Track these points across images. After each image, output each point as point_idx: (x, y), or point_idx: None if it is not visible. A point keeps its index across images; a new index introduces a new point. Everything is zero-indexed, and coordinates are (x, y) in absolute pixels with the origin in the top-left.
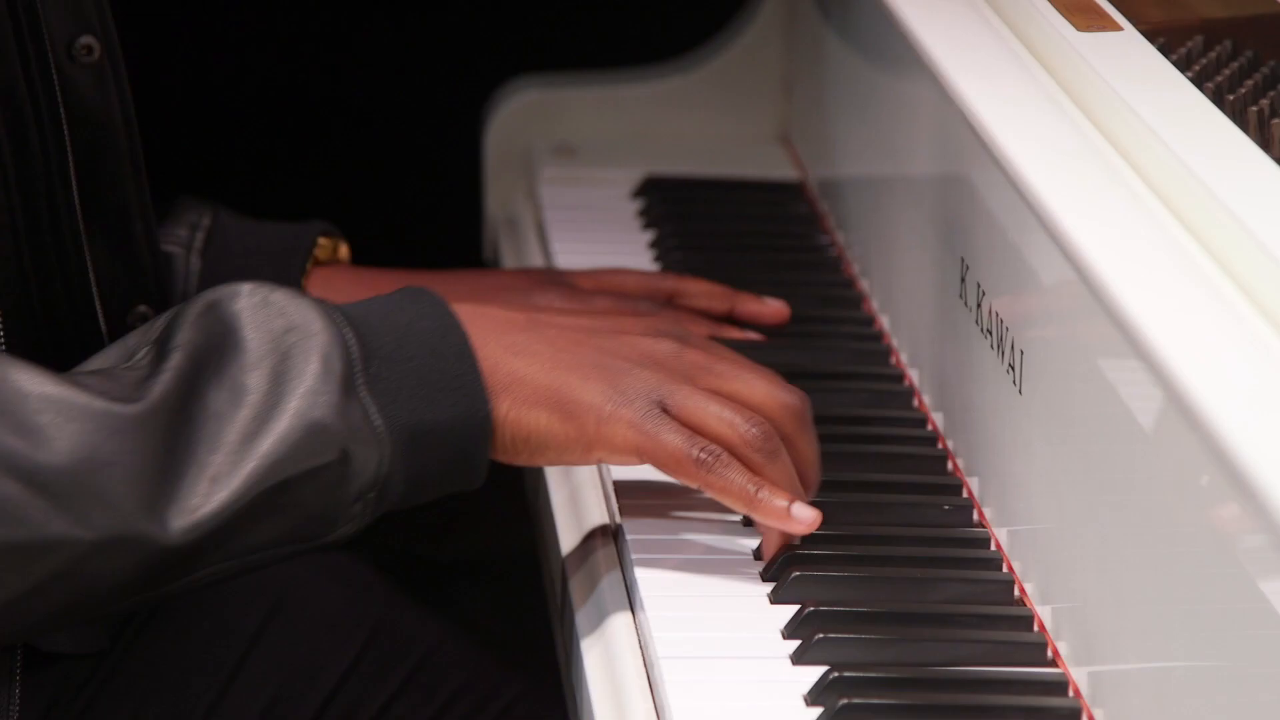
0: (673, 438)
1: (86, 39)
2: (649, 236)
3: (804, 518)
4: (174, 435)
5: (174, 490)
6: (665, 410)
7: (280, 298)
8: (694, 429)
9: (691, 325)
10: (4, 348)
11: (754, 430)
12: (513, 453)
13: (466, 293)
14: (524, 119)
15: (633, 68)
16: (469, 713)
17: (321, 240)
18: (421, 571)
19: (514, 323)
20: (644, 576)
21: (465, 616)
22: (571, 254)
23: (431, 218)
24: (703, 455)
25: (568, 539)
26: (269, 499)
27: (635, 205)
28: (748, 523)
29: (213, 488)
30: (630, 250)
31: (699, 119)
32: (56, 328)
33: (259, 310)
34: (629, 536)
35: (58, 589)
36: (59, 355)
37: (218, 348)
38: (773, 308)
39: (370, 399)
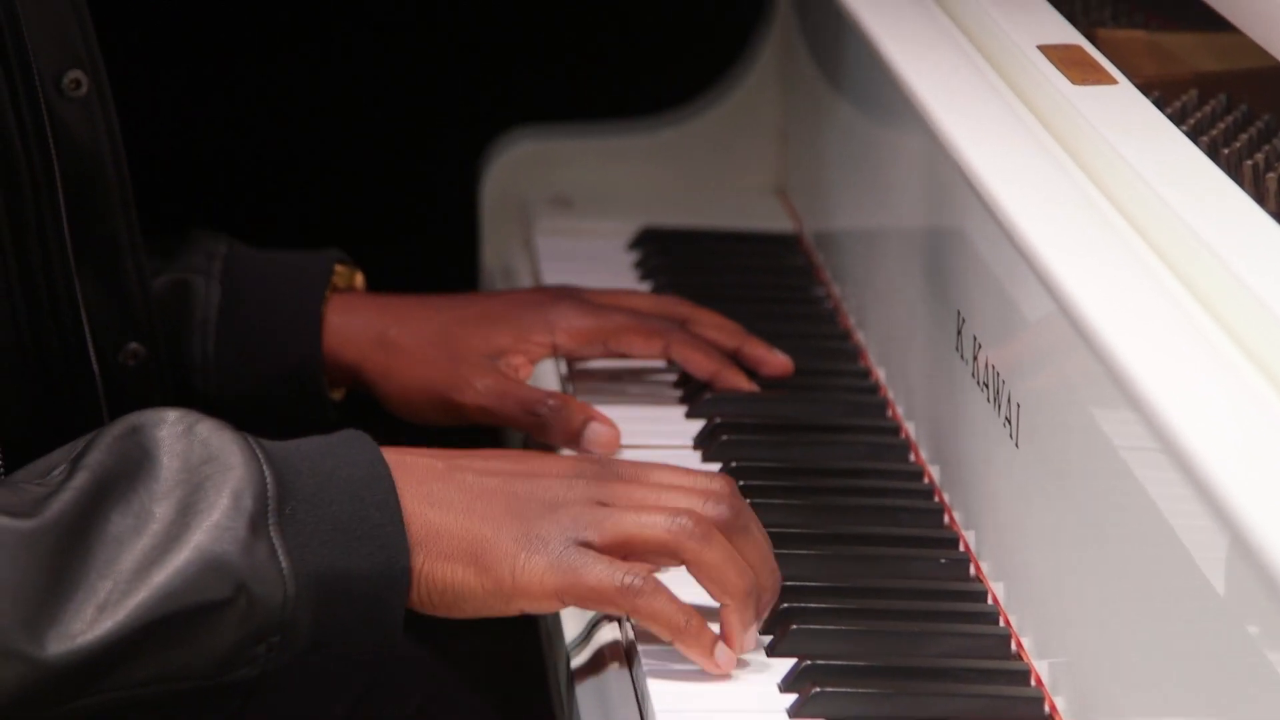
0: (595, 568)
1: (75, 73)
2: (645, 288)
3: (723, 661)
4: (66, 556)
5: (57, 613)
6: (588, 545)
7: (205, 429)
8: (621, 549)
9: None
10: None
11: (681, 521)
12: (430, 606)
13: (479, 312)
14: (521, 170)
15: (629, 119)
16: None
17: (338, 268)
18: (417, 620)
19: (433, 471)
20: (644, 640)
21: (461, 667)
22: None
23: (428, 268)
24: (628, 580)
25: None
26: (158, 632)
27: (631, 257)
28: None
29: (99, 615)
30: None
31: (695, 171)
32: (48, 367)
33: (181, 439)
34: None
35: None
36: (50, 395)
37: (130, 472)
38: (779, 360)
39: (279, 540)
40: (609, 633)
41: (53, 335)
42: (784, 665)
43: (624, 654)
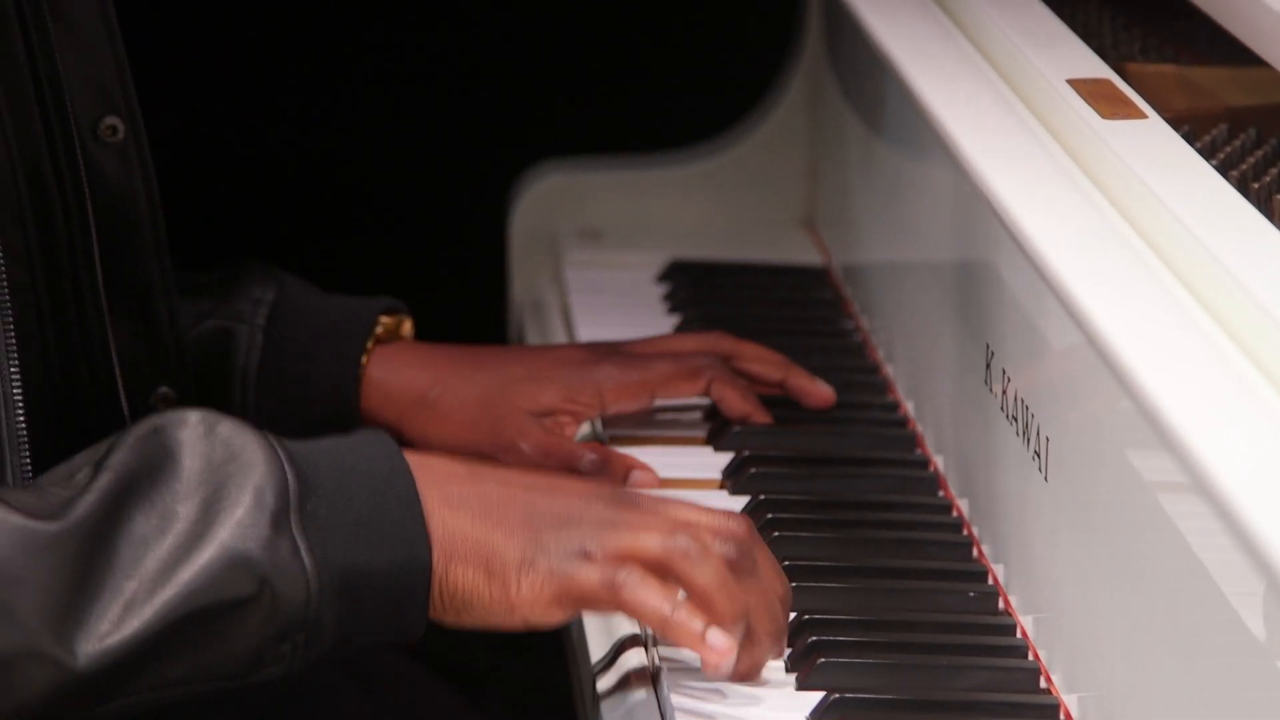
0: (584, 571)
1: (111, 119)
2: (674, 320)
3: (718, 645)
4: (92, 557)
5: (85, 614)
6: (590, 558)
7: (226, 429)
8: (620, 565)
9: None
10: (26, 431)
11: (678, 539)
12: (440, 610)
13: (524, 371)
14: (550, 203)
15: (658, 152)
16: None
17: (384, 319)
18: (441, 661)
19: (455, 474)
20: (669, 663)
21: (485, 692)
22: (597, 338)
23: (458, 300)
24: (612, 576)
25: (593, 625)
26: (185, 630)
27: (660, 289)
28: None
29: (126, 615)
30: (655, 334)
31: (724, 203)
32: (79, 410)
33: (202, 440)
34: None
35: None
36: (80, 438)
37: (152, 472)
38: (823, 391)
39: (302, 537)
40: (634, 657)
41: (84, 378)
42: (812, 698)
43: (650, 679)
